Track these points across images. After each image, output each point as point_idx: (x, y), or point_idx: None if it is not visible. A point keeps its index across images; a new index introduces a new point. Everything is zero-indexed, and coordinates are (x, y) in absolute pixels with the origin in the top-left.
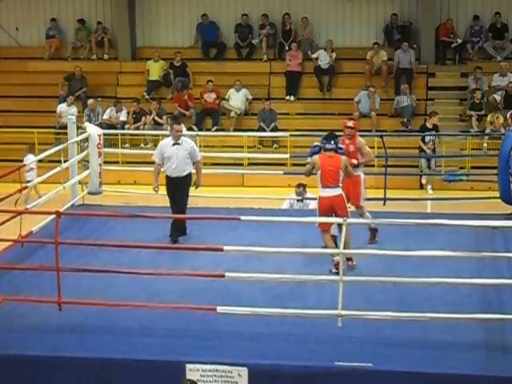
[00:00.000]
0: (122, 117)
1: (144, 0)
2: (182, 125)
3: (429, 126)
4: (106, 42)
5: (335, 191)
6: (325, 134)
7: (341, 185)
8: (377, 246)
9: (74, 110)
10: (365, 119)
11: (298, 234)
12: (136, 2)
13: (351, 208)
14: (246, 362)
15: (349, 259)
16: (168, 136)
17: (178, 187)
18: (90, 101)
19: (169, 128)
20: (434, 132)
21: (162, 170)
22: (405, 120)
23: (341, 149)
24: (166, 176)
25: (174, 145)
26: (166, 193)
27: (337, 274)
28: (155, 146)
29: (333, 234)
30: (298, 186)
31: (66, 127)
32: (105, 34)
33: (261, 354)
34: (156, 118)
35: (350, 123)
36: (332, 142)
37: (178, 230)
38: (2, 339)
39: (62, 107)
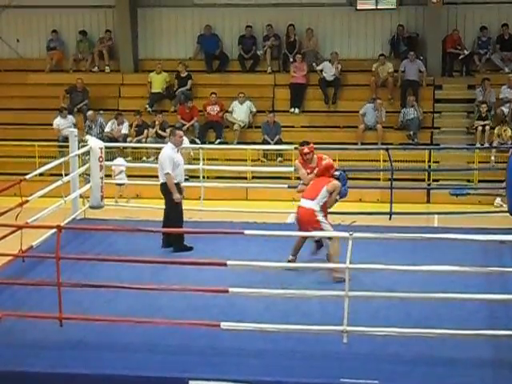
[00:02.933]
0: (124, 129)
1: (146, 12)
2: (185, 137)
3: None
4: (105, 54)
5: None
6: (330, 146)
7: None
8: (384, 260)
9: (70, 118)
10: (370, 132)
11: (302, 248)
12: (138, 13)
13: None
14: (250, 378)
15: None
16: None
17: (181, 193)
18: (89, 112)
19: (170, 135)
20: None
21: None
22: (411, 133)
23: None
24: (175, 184)
25: (178, 151)
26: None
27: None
28: (158, 159)
29: None
30: None
31: (67, 140)
32: (108, 46)
33: (265, 371)
34: (159, 131)
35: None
36: None
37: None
38: (2, 355)
39: (58, 121)
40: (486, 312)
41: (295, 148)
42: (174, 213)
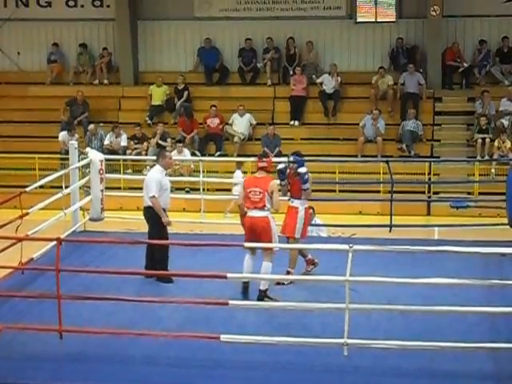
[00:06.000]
0: (123, 142)
1: (147, 24)
2: (186, 149)
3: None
4: (103, 68)
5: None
6: (330, 159)
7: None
8: (384, 273)
9: (75, 137)
10: (370, 144)
11: (303, 260)
12: (139, 26)
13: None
14: None
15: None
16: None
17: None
18: (91, 126)
19: (159, 157)
20: None
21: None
22: (404, 145)
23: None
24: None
25: (166, 175)
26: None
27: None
28: None
29: None
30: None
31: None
32: (108, 60)
33: (265, 383)
34: (159, 141)
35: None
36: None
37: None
38: (2, 368)
39: (63, 135)
40: (487, 325)
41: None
42: (158, 239)
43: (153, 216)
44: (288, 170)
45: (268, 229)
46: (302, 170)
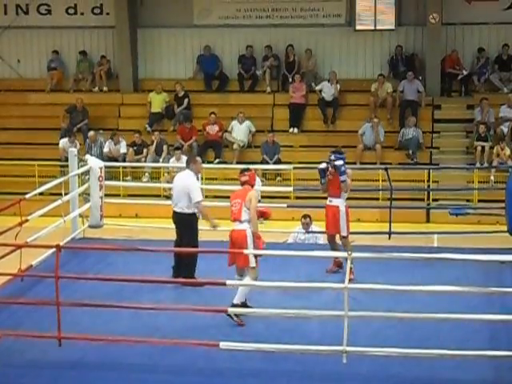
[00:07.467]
0: (123, 149)
1: (146, 32)
2: (184, 156)
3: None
4: (103, 75)
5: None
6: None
7: (244, 219)
8: (383, 280)
9: (76, 144)
10: (369, 152)
11: (302, 268)
12: (138, 34)
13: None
14: None
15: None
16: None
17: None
18: (91, 133)
19: (190, 162)
20: None
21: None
22: (410, 152)
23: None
24: (196, 215)
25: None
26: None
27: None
28: (156, 178)
29: None
30: (305, 216)
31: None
32: (108, 68)
33: None
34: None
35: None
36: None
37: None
38: (1, 375)
39: (64, 142)
40: (487, 332)
41: (294, 168)
42: (192, 246)
43: (188, 222)
44: (328, 171)
45: (243, 242)
46: (339, 162)
